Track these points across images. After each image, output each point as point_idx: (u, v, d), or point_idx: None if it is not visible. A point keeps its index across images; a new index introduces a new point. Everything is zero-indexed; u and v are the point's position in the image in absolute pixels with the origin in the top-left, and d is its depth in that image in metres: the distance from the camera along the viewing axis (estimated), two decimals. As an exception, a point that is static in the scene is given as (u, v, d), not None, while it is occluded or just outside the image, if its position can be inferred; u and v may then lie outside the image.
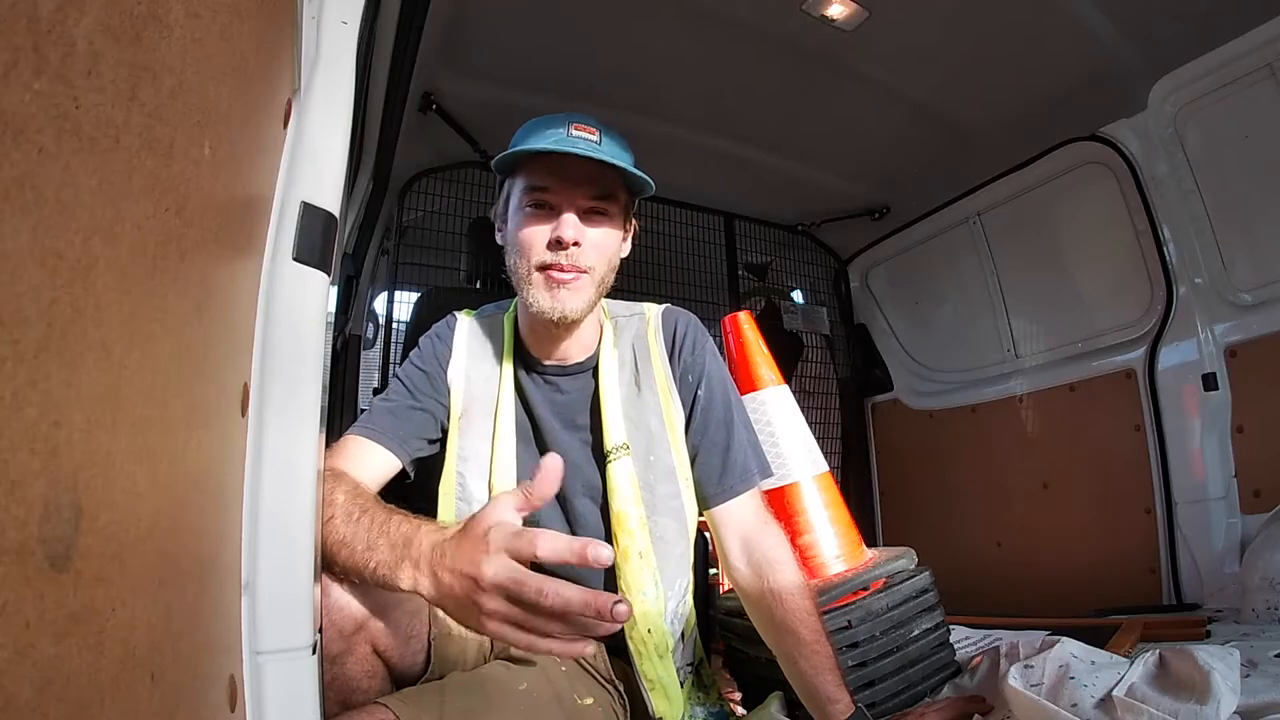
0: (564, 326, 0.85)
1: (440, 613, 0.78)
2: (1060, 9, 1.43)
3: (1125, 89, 1.68)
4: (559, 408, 0.91)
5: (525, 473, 0.88)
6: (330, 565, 0.64)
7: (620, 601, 0.49)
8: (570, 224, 0.81)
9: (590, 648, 0.53)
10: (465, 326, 0.96)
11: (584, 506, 0.89)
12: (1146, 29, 1.50)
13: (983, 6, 1.42)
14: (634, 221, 0.92)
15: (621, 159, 0.81)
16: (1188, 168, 1.68)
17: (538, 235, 0.82)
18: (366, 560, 0.61)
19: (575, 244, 0.81)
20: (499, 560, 0.53)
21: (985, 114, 1.82)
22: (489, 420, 0.89)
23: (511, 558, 0.53)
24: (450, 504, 0.88)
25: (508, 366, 0.92)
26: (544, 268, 0.82)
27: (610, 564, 0.54)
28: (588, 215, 0.83)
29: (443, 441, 0.90)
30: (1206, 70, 1.58)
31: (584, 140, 0.81)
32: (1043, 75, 1.65)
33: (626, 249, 0.92)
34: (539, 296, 0.82)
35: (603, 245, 0.84)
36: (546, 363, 0.91)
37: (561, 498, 0.90)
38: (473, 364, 0.93)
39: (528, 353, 0.93)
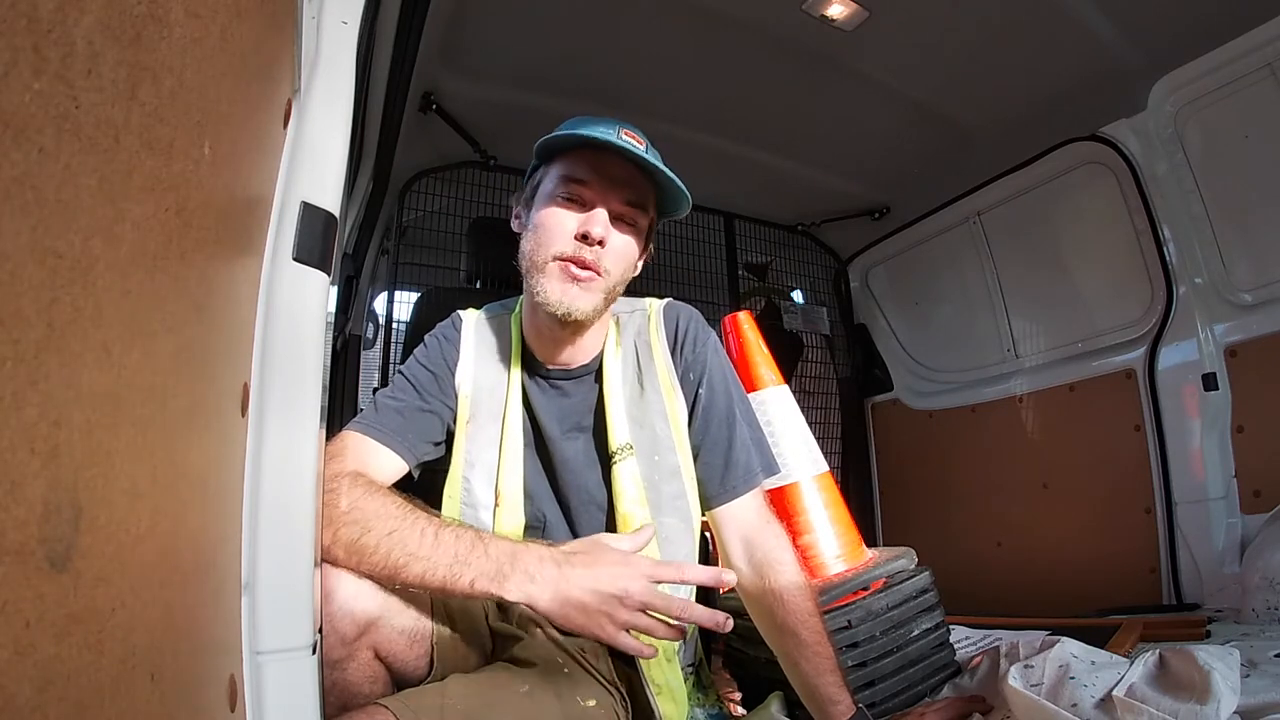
0: (568, 327, 0.83)
1: (441, 615, 0.78)
2: (1060, 9, 1.43)
3: (1125, 89, 1.68)
4: (563, 412, 0.90)
5: (531, 479, 0.88)
6: (388, 577, 0.66)
7: (729, 618, 0.68)
8: (601, 220, 0.80)
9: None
10: (472, 328, 0.94)
11: (589, 510, 0.88)
12: (1146, 29, 1.50)
13: (983, 7, 1.42)
14: (651, 247, 0.91)
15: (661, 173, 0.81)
16: (1188, 168, 1.67)
17: (565, 225, 0.80)
18: (457, 574, 0.65)
19: (601, 243, 0.80)
20: (644, 583, 0.66)
21: (985, 114, 1.82)
22: (496, 425, 0.88)
23: (652, 582, 0.67)
24: (455, 508, 0.87)
25: (515, 371, 0.90)
26: (563, 258, 0.80)
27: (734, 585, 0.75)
28: (617, 220, 0.82)
29: (447, 444, 0.89)
30: (1206, 70, 1.58)
31: (631, 145, 0.80)
32: (1043, 75, 1.65)
33: (638, 269, 0.90)
34: (549, 287, 0.80)
35: (623, 254, 0.83)
36: (551, 366, 0.90)
37: (565, 502, 0.89)
38: (480, 368, 0.91)
39: (532, 356, 0.91)
